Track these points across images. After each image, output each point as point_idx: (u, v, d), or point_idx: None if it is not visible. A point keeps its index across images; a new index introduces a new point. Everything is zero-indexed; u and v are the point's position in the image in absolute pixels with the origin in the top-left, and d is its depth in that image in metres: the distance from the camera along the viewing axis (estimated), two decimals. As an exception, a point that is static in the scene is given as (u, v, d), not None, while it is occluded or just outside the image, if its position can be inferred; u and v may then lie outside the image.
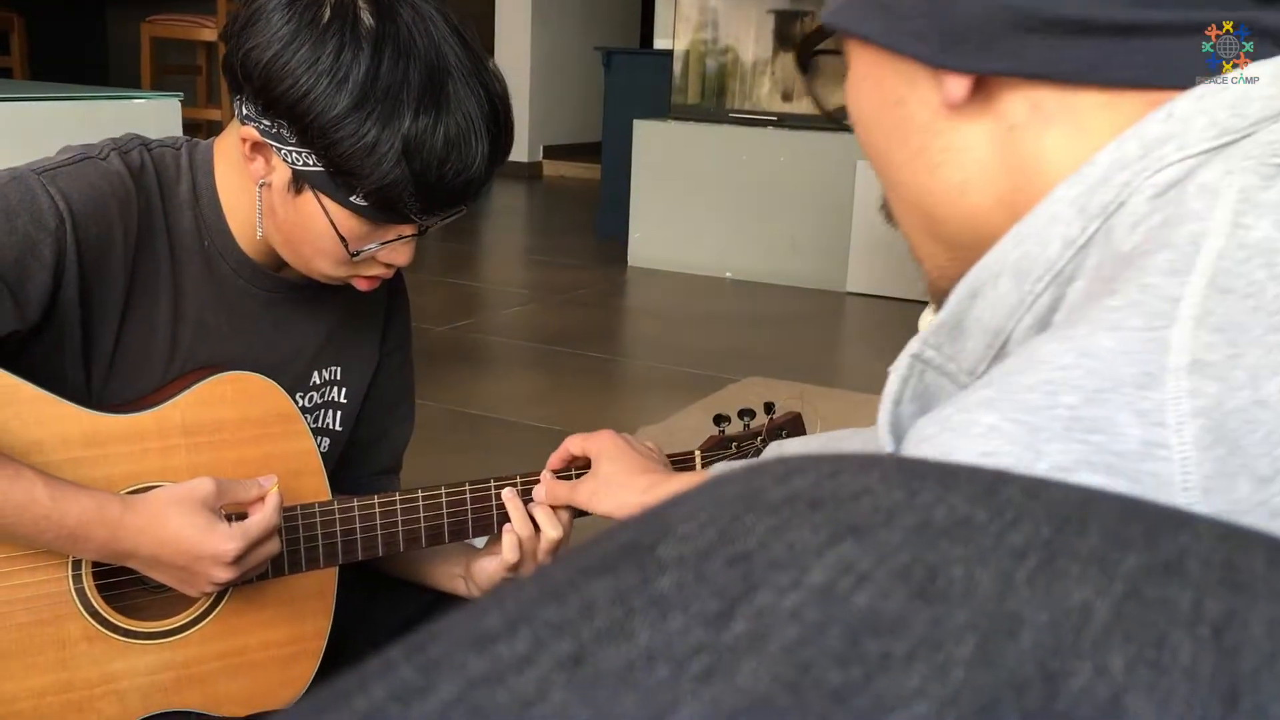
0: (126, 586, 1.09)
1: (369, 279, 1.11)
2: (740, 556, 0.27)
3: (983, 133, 0.57)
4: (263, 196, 1.08)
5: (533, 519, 1.19)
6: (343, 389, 1.26)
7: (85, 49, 7.22)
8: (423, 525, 1.18)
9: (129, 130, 1.16)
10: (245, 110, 1.04)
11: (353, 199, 1.03)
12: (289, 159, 1.03)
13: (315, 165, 1.02)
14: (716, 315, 4.16)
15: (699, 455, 1.27)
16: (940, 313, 0.57)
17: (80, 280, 1.04)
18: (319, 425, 1.24)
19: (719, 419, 1.30)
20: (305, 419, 1.17)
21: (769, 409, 1.32)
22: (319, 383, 1.24)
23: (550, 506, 1.20)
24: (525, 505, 1.20)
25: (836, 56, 0.66)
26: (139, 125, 1.54)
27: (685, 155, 4.82)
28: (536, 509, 1.20)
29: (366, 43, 0.99)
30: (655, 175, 4.87)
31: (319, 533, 1.14)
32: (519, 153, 5.06)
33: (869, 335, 4.08)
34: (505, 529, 1.19)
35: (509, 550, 1.18)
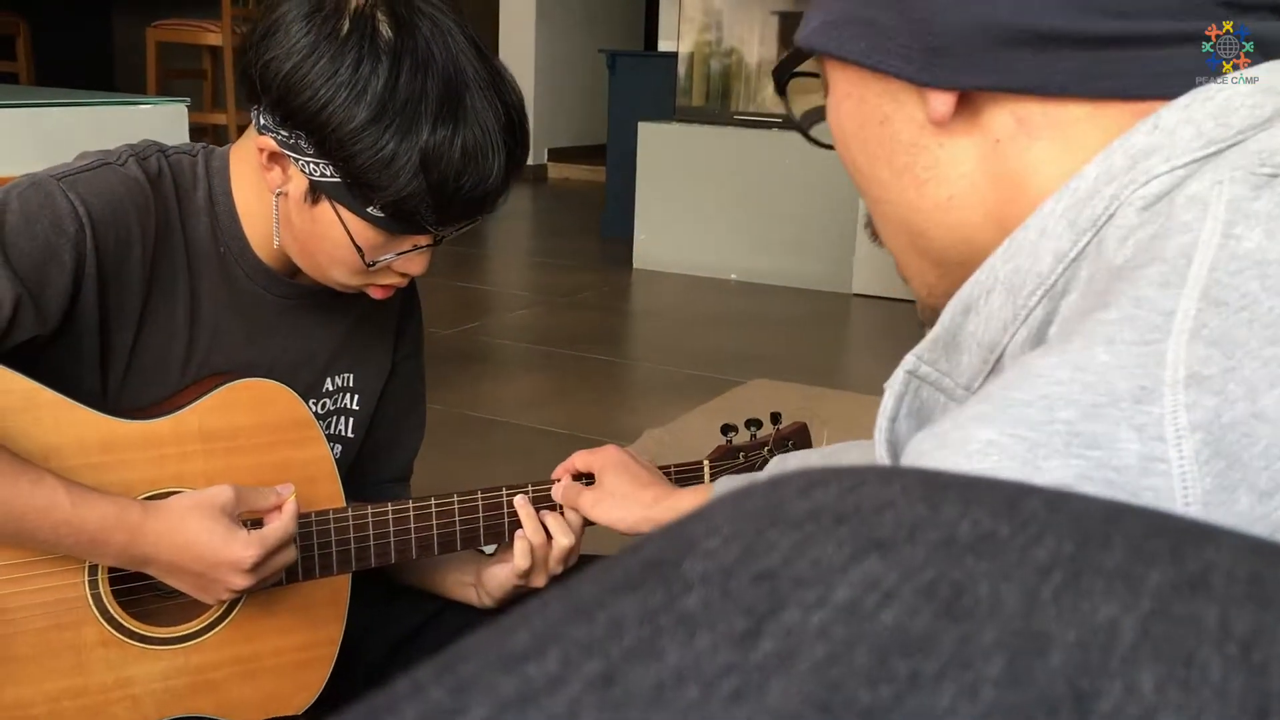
0: (141, 592, 1.09)
1: (384, 288, 1.12)
2: (766, 573, 0.27)
3: (969, 148, 0.57)
4: (279, 205, 1.09)
5: (545, 526, 1.20)
6: (355, 396, 1.26)
7: (91, 54, 7.22)
8: (435, 532, 1.18)
9: (135, 135, 1.16)
10: (263, 120, 1.05)
11: (370, 210, 1.03)
12: (306, 169, 1.03)
13: (333, 176, 1.02)
14: (722, 317, 4.15)
15: (707, 465, 1.28)
16: (934, 329, 0.57)
17: (99, 286, 1.04)
18: (331, 432, 1.24)
19: (726, 429, 1.31)
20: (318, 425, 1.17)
21: (775, 419, 1.32)
22: (332, 389, 1.24)
23: (562, 515, 1.21)
24: (537, 512, 1.20)
25: (815, 78, 0.66)
26: (145, 130, 1.54)
27: (690, 157, 4.82)
28: (549, 516, 1.20)
29: (385, 55, 0.99)
30: (660, 177, 4.87)
31: (333, 539, 1.14)
32: (524, 155, 5.05)
33: (875, 337, 4.07)
34: (517, 535, 1.19)
35: (520, 556, 1.18)
